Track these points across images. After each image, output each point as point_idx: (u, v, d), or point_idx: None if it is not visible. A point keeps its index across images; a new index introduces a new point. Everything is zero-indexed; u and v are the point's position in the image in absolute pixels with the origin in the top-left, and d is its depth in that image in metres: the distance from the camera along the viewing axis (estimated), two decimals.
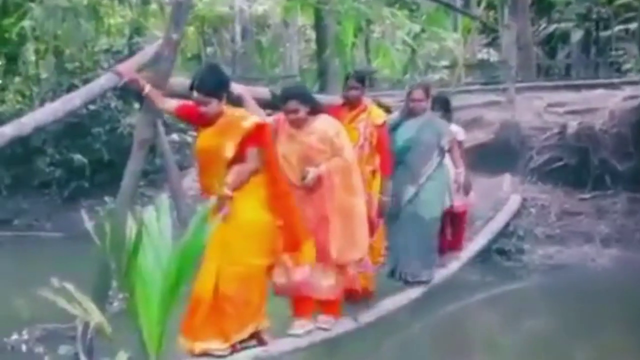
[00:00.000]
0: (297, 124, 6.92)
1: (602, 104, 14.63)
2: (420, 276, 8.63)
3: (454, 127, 9.96)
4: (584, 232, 12.71)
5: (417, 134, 8.57)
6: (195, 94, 6.37)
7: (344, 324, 7.44)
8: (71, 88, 15.31)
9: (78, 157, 17.27)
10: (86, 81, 14.00)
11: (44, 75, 20.82)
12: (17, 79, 21.39)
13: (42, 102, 17.42)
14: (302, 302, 7.08)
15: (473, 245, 11.29)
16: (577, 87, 16.69)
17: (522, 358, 8.02)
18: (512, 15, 19.94)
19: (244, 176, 6.22)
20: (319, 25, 17.64)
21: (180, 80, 8.69)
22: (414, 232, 8.44)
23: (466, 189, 9.80)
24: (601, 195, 13.28)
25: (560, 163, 13.96)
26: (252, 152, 6.25)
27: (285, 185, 6.58)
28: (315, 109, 6.97)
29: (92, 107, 15.55)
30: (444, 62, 21.62)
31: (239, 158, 6.24)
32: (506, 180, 13.87)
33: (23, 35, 19.68)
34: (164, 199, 4.34)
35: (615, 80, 16.79)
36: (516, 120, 14.86)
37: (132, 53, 15.01)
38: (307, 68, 22.36)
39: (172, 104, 6.97)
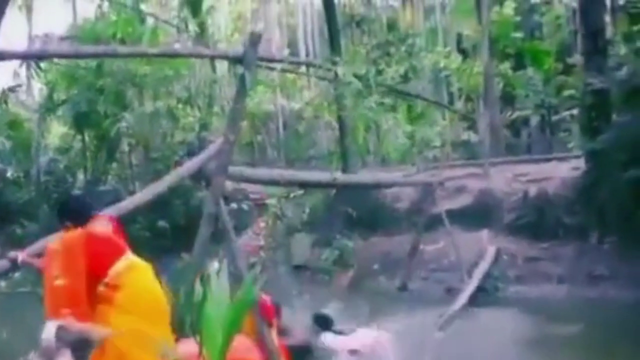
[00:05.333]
0: None
1: (555, 173, 14.70)
2: None
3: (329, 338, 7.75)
4: (544, 272, 12.74)
5: None
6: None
7: None
8: (156, 171, 15.67)
9: (162, 222, 17.56)
10: (167, 166, 14.32)
11: (135, 162, 21.23)
12: (114, 165, 21.81)
13: (134, 183, 17.79)
14: None
15: (469, 288, 11.47)
16: (536, 161, 16.76)
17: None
18: (485, 106, 20.15)
19: None
20: (340, 121, 17.99)
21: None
22: None
23: None
24: (556, 244, 13.30)
25: (525, 220, 13.99)
26: None
27: None
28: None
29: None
30: (436, 143, 21.75)
31: None
32: (484, 234, 13.90)
33: (119, 134, 20.12)
34: (224, 264, 4.51)
35: (564, 155, 16.84)
36: (491, 187, 14.96)
37: (201, 144, 15.35)
38: (333, 150, 22.55)
39: None
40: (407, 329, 9.29)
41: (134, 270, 5.23)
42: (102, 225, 5.51)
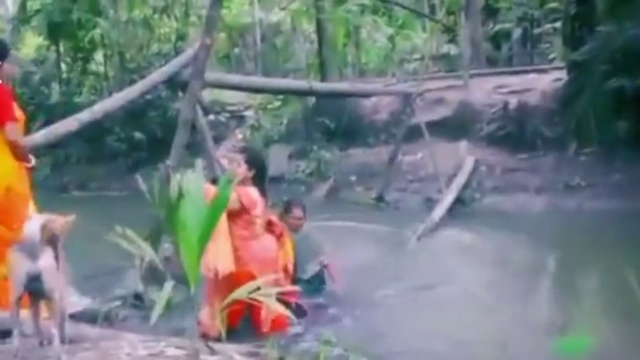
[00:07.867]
0: None
1: (535, 85, 14.58)
2: None
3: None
4: (521, 183, 12.73)
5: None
6: None
7: None
8: (131, 82, 15.33)
9: (138, 134, 17.39)
10: (142, 77, 14.03)
11: (110, 74, 20.88)
12: (90, 77, 21.45)
13: (110, 94, 17.50)
14: None
15: (447, 199, 11.41)
16: (517, 73, 16.58)
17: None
18: (467, 18, 19.89)
19: None
20: (319, 30, 17.68)
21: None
22: None
23: None
24: (534, 155, 13.28)
25: (504, 131, 13.94)
26: None
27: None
28: None
29: (148, 96, 15.54)
30: (416, 56, 21.55)
31: None
32: (463, 145, 13.86)
33: (94, 43, 19.71)
34: (199, 163, 4.36)
35: (545, 67, 16.67)
36: (470, 99, 14.84)
37: (177, 54, 15.01)
38: (311, 63, 22.27)
39: None
40: (384, 237, 9.31)
41: None
42: None
